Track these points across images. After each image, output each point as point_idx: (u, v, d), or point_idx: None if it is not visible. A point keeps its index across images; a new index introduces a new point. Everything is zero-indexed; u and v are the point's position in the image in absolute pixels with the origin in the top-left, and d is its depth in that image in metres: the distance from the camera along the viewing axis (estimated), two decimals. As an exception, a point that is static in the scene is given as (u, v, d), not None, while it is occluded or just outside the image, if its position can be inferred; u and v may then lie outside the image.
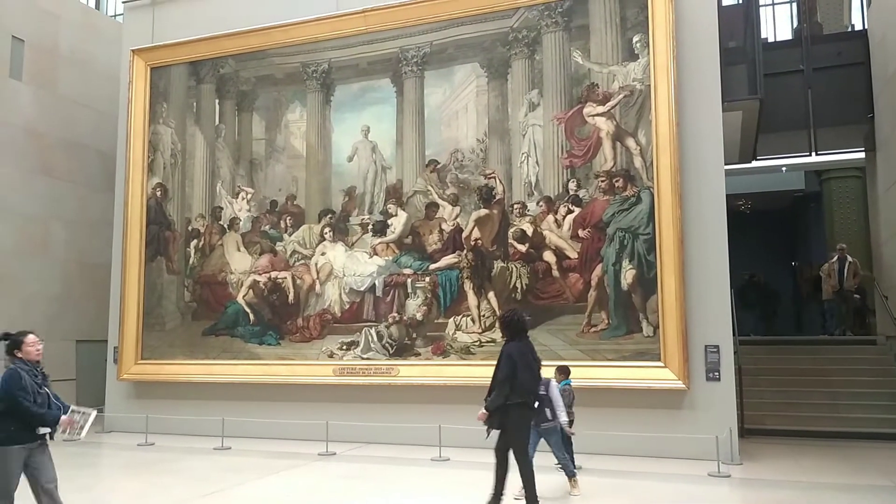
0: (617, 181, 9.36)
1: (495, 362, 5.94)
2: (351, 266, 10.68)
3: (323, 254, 10.88)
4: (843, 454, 8.96)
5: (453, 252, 10.12)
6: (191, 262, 11.67)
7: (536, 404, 6.17)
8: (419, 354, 10.08)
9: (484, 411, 5.88)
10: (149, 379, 11.51)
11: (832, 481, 7.54)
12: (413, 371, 9.97)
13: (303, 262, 10.99)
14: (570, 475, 6.97)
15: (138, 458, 9.34)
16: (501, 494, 5.97)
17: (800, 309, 17.54)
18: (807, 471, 8.08)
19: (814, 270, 15.32)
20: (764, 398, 10.74)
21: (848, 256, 12.97)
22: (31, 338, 5.09)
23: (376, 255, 10.56)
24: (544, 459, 6.91)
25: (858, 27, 14.74)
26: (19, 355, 5.03)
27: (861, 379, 11.00)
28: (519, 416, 5.86)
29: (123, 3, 13.12)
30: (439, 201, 10.32)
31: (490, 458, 8.57)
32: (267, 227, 11.30)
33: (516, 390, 5.79)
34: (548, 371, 6.43)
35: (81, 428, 5.08)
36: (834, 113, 13.36)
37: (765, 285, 16.81)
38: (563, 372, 7.65)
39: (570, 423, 7.19)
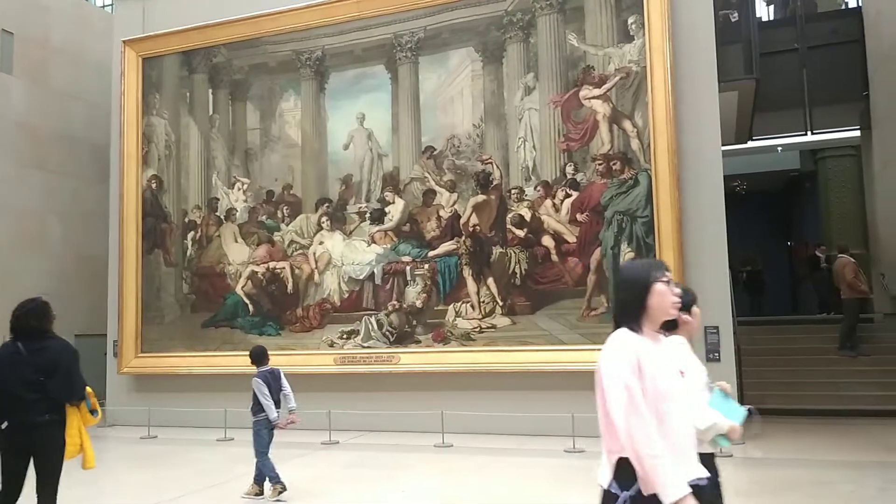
0: (614, 164, 9.33)
1: (496, 348, 5.68)
2: (349, 255, 10.65)
3: (321, 243, 10.84)
4: (845, 431, 9.01)
5: (451, 239, 10.08)
6: (188, 254, 11.62)
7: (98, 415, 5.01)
8: (420, 342, 10.07)
9: None
10: (149, 372, 11.49)
11: (837, 458, 7.58)
12: (414, 359, 9.96)
13: (301, 251, 10.95)
14: (273, 481, 6.55)
15: (142, 451, 9.35)
16: None
17: (795, 289, 17.58)
18: (811, 448, 8.13)
19: (809, 250, 15.31)
20: (764, 378, 10.77)
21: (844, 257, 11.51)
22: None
23: (374, 243, 10.53)
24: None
25: (853, 4, 14.71)
26: None
27: (860, 356, 11.05)
28: None
29: (113, -7, 13.02)
30: (436, 188, 10.28)
31: (494, 444, 8.60)
32: (264, 217, 11.25)
33: None
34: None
35: None
36: (829, 91, 13.36)
37: (753, 269, 16.41)
38: (256, 360, 6.92)
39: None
